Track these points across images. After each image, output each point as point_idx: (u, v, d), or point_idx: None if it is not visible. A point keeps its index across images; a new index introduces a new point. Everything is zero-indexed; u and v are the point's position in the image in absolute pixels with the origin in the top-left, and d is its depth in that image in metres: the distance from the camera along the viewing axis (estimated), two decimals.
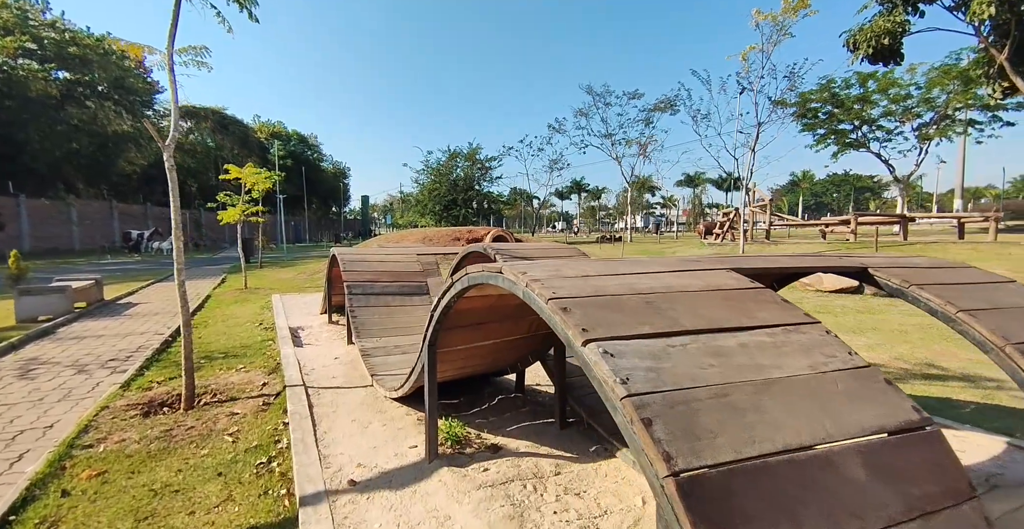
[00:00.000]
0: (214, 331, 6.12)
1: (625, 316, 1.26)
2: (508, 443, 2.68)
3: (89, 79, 27.36)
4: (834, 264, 1.94)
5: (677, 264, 1.75)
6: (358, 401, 3.47)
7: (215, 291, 9.88)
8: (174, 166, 3.40)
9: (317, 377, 4.09)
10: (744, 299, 1.44)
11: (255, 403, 3.49)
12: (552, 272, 1.54)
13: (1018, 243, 13.07)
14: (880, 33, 9.11)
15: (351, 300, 4.75)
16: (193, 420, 3.21)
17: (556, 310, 1.26)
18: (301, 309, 7.48)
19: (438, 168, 30.38)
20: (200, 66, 3.62)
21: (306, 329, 6.12)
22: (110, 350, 5.38)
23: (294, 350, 4.88)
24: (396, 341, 4.48)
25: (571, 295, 1.34)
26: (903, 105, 22.65)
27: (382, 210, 72.25)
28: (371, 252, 5.74)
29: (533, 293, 1.39)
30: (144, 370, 4.47)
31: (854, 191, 65.21)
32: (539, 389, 3.66)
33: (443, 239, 14.39)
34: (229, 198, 10.67)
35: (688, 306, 1.36)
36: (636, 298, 1.37)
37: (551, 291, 1.35)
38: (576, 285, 1.42)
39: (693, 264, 1.77)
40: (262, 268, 15.06)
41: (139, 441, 2.95)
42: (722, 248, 16.94)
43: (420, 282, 5.24)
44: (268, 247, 23.84)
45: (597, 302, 1.32)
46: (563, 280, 1.46)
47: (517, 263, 1.63)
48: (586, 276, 1.52)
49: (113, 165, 28.19)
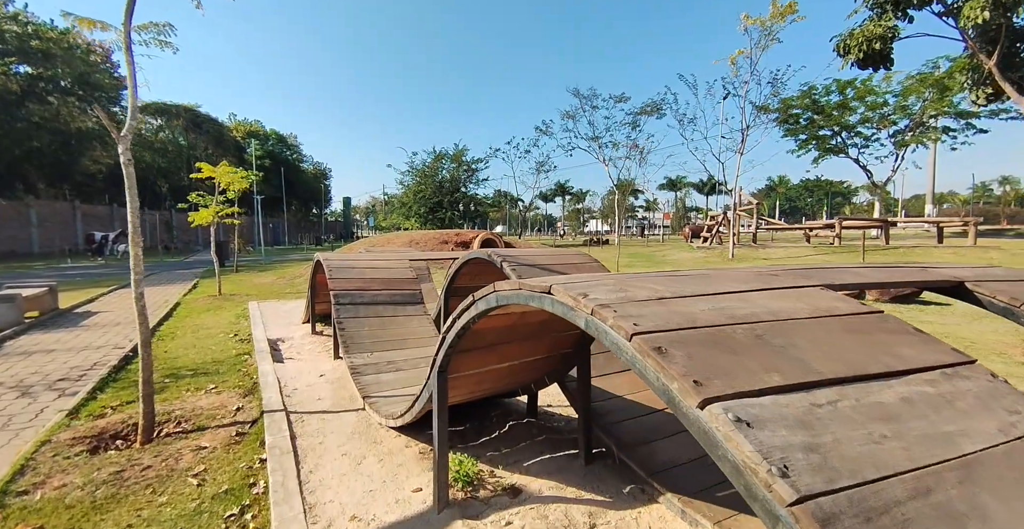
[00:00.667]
0: (182, 344, 5.57)
1: (741, 358, 0.92)
2: (528, 483, 2.31)
3: (52, 74, 26.00)
4: (924, 278, 1.65)
5: (756, 280, 1.42)
6: (349, 429, 3.04)
7: (185, 298, 9.21)
8: (131, 161, 2.94)
9: (300, 399, 3.64)
10: (870, 328, 1.11)
11: (227, 433, 3.03)
12: (617, 293, 1.19)
13: (997, 247, 13.38)
14: (871, 37, 9.13)
15: (338, 310, 4.31)
16: (151, 457, 2.74)
17: (647, 351, 0.91)
18: (281, 318, 6.96)
19: (423, 169, 29.79)
20: (163, 46, 3.16)
21: (287, 341, 5.63)
22: (61, 368, 4.79)
23: (273, 366, 4.41)
24: (389, 356, 4.06)
25: (660, 327, 0.99)
26: (879, 112, 23.23)
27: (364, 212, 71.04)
28: (359, 258, 5.30)
29: (604, 324, 1.04)
30: (97, 392, 3.94)
31: (827, 196, 67.32)
32: (552, 412, 3.30)
33: (430, 242, 13.93)
34: (202, 199, 10.02)
35: (810, 341, 1.02)
36: (742, 330, 1.03)
37: (631, 322, 1.00)
38: (658, 312, 1.07)
39: (774, 279, 1.45)
40: (238, 272, 14.31)
41: (83, 487, 2.47)
42: (712, 251, 16.93)
43: (414, 290, 4.83)
44: (245, 250, 22.90)
45: (696, 337, 0.97)
46: (639, 305, 1.10)
47: (573, 283, 1.27)
48: (662, 299, 1.17)
49: (76, 164, 26.74)
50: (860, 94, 22.20)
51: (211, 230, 9.81)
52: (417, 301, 4.76)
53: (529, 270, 3.46)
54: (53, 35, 25.51)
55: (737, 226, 17.03)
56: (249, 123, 47.85)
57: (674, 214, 61.12)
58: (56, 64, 25.94)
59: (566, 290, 1.19)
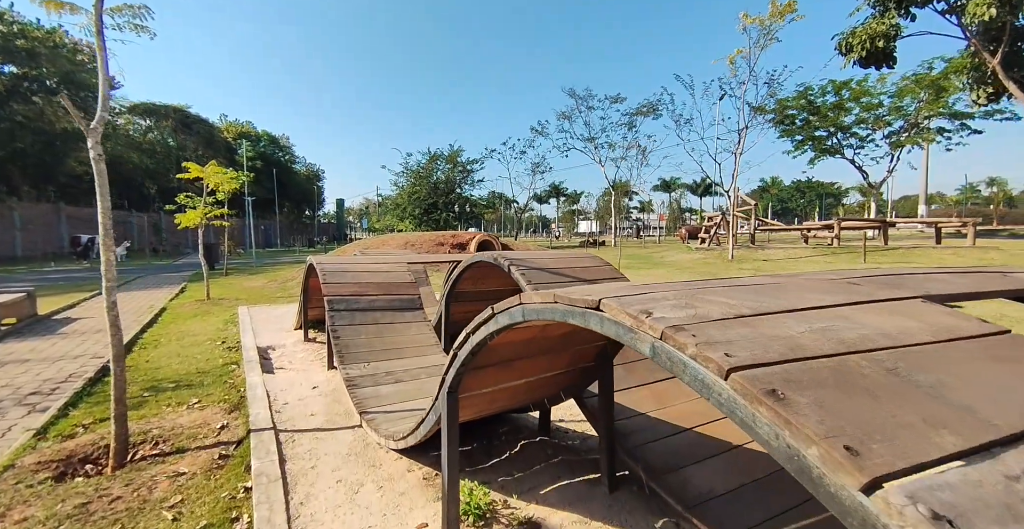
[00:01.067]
0: (166, 352, 5.25)
1: (887, 406, 0.67)
2: (548, 516, 2.05)
3: (37, 73, 25.44)
4: (1016, 287, 1.42)
5: (838, 289, 1.18)
6: (344, 450, 2.77)
7: (172, 303, 8.86)
8: (101, 156, 2.65)
9: (291, 415, 3.36)
10: (1018, 355, 0.87)
11: (208, 456, 2.74)
12: (685, 309, 0.94)
13: (996, 247, 13.34)
14: (874, 35, 9.00)
15: (332, 317, 4.03)
16: (121, 486, 2.45)
17: (756, 395, 0.66)
18: (272, 324, 6.65)
19: (418, 171, 29.46)
20: (139, 30, 2.88)
21: (278, 348, 5.33)
22: (33, 380, 4.46)
23: (263, 378, 4.12)
24: (387, 366, 3.79)
25: (761, 359, 0.74)
26: (874, 113, 23.29)
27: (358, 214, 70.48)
28: (354, 261, 5.02)
29: (683, 354, 0.79)
30: (69, 409, 3.63)
31: (819, 197, 67.97)
32: (564, 428, 3.04)
33: (426, 244, 13.65)
34: (190, 200, 9.67)
35: (957, 377, 0.78)
36: (867, 363, 0.78)
37: (720, 352, 0.75)
38: (748, 337, 0.83)
39: (858, 288, 1.21)
40: (228, 275, 13.93)
41: (44, 522, 2.18)
42: (710, 252, 16.79)
43: (413, 295, 4.56)
44: (235, 252, 22.46)
45: (815, 374, 0.73)
46: (720, 327, 0.86)
47: (626, 297, 1.02)
48: (742, 317, 0.93)
49: (61, 165, 26.11)
50: (856, 95, 22.23)
51: (199, 232, 9.46)
52: (416, 307, 4.49)
53: (539, 274, 3.21)
54: (39, 34, 25.10)
55: (735, 227, 16.91)
56: (240, 124, 47.26)
57: (669, 215, 61.25)
58: (41, 63, 25.47)
59: (621, 306, 0.94)
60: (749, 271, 12.76)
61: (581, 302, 1.04)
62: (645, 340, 0.87)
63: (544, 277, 3.16)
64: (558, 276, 3.23)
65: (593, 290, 1.18)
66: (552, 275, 3.21)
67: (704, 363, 0.75)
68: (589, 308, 1.02)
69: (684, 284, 1.22)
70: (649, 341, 0.86)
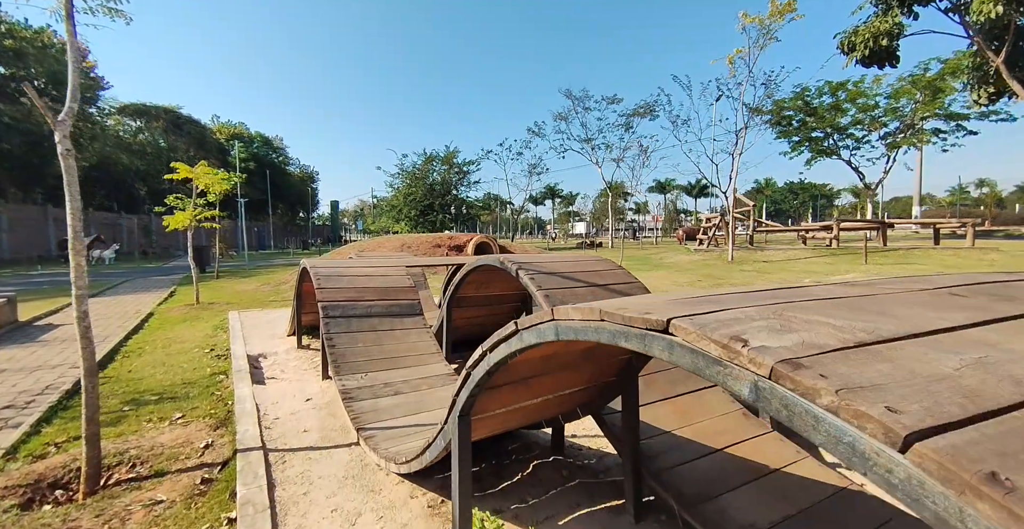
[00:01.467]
0: (150, 361, 4.98)
1: None
2: None
3: (24, 74, 24.98)
4: None
5: (946, 303, 0.98)
6: (340, 472, 2.53)
7: (160, 307, 8.56)
8: (71, 150, 2.41)
9: (283, 431, 3.12)
10: None
11: (190, 481, 2.50)
12: (786, 334, 0.73)
13: (996, 248, 13.31)
14: (877, 34, 8.89)
15: (327, 325, 3.79)
16: (91, 517, 2.20)
17: (974, 484, 0.44)
18: (264, 329, 6.39)
19: (413, 172, 29.17)
20: (113, 15, 2.64)
21: (269, 356, 5.08)
22: (8, 392, 4.18)
23: (252, 389, 3.86)
24: (386, 377, 3.55)
25: (946, 419, 0.53)
26: (870, 114, 23.34)
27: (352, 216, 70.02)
28: (350, 264, 4.78)
29: (814, 406, 0.57)
30: (43, 425, 3.36)
31: (811, 199, 68.47)
32: (578, 444, 2.83)
33: (423, 246, 13.41)
34: (180, 201, 9.38)
35: None
36: None
37: (879, 407, 0.54)
38: (897, 378, 0.62)
39: (965, 301, 1.01)
40: (219, 279, 13.60)
41: None
42: (710, 254, 16.67)
43: (412, 300, 4.33)
44: (227, 255, 22.09)
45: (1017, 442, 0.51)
46: (848, 362, 0.65)
47: (699, 316, 0.80)
48: (863, 345, 0.72)
49: (49, 166, 25.59)
50: (852, 96, 22.26)
51: (188, 234, 9.16)
52: (416, 312, 4.25)
53: (549, 278, 3.00)
54: (27, 34, 24.77)
55: (733, 228, 16.81)
56: (233, 125, 46.78)
57: (665, 216, 61.35)
58: (29, 63, 25.06)
59: (700, 329, 0.73)
60: (751, 272, 12.63)
61: (640, 322, 0.83)
62: (742, 378, 0.66)
63: (555, 282, 2.94)
64: (570, 281, 3.01)
65: (643, 304, 0.97)
66: (564, 280, 3.00)
67: (857, 422, 0.53)
68: (653, 330, 0.80)
69: (756, 295, 1.00)
70: (750, 380, 0.65)
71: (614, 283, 3.16)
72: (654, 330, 0.80)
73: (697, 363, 0.72)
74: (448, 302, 4.20)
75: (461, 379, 1.54)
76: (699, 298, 0.98)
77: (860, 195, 50.76)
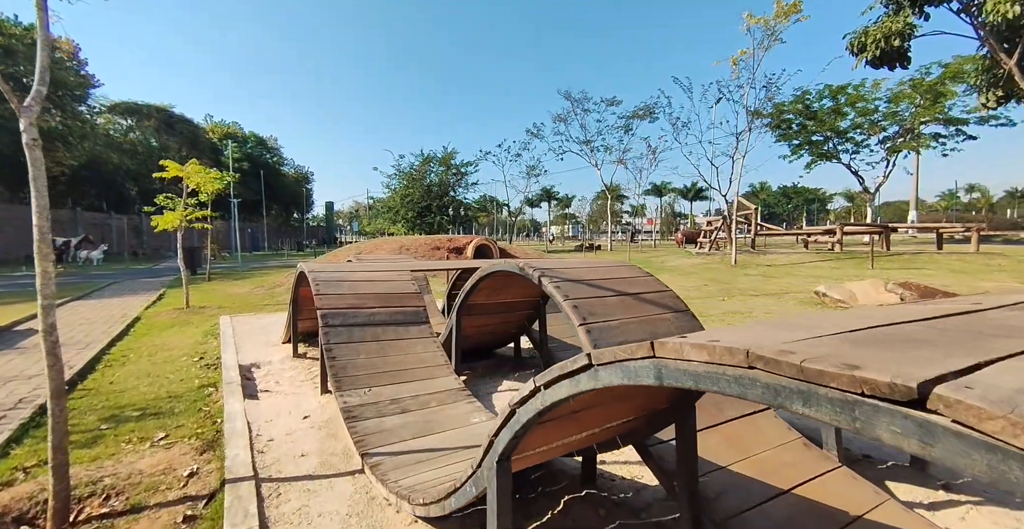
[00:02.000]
0: (134, 371, 4.64)
1: None
2: None
3: (13, 71, 24.46)
4: None
5: None
6: (344, 508, 2.23)
7: (147, 311, 8.18)
8: (37, 141, 2.10)
9: (277, 455, 2.81)
10: None
11: (170, 518, 2.18)
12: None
13: (1001, 253, 13.21)
14: (889, 34, 8.75)
15: (327, 334, 3.48)
16: None
17: None
18: (257, 336, 6.05)
19: (411, 173, 28.84)
20: None
21: (263, 366, 4.75)
22: None
23: (244, 405, 3.54)
24: (392, 392, 3.25)
25: None
26: (870, 118, 23.34)
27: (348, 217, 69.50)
28: (350, 268, 4.47)
29: None
30: (12, 445, 3.03)
31: (805, 203, 68.89)
32: (609, 473, 2.54)
33: (422, 248, 13.10)
34: (170, 201, 9.02)
35: None
36: None
37: None
38: None
39: None
40: (211, 281, 13.20)
41: None
42: (712, 257, 16.47)
43: (417, 306, 4.03)
44: (220, 256, 21.64)
45: None
46: None
47: (969, 376, 0.51)
48: None
49: None
50: (852, 100, 22.24)
51: (178, 235, 8.80)
52: (422, 320, 3.95)
53: (576, 287, 2.71)
54: (16, 31, 24.36)
55: (735, 231, 16.63)
56: (227, 125, 46.27)
57: (662, 219, 61.40)
58: (18, 61, 24.57)
59: (991, 404, 0.44)
60: (756, 277, 12.43)
61: (847, 382, 0.53)
62: None
63: (582, 290, 2.66)
64: (598, 289, 2.73)
65: (795, 338, 0.69)
66: (591, 288, 2.72)
67: None
68: (882, 399, 0.50)
69: (953, 328, 0.73)
70: None
71: (645, 292, 2.88)
72: (884, 399, 0.50)
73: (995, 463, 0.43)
74: (458, 309, 3.91)
75: (503, 418, 1.25)
76: (874, 330, 0.70)
77: (855, 199, 51.01)
